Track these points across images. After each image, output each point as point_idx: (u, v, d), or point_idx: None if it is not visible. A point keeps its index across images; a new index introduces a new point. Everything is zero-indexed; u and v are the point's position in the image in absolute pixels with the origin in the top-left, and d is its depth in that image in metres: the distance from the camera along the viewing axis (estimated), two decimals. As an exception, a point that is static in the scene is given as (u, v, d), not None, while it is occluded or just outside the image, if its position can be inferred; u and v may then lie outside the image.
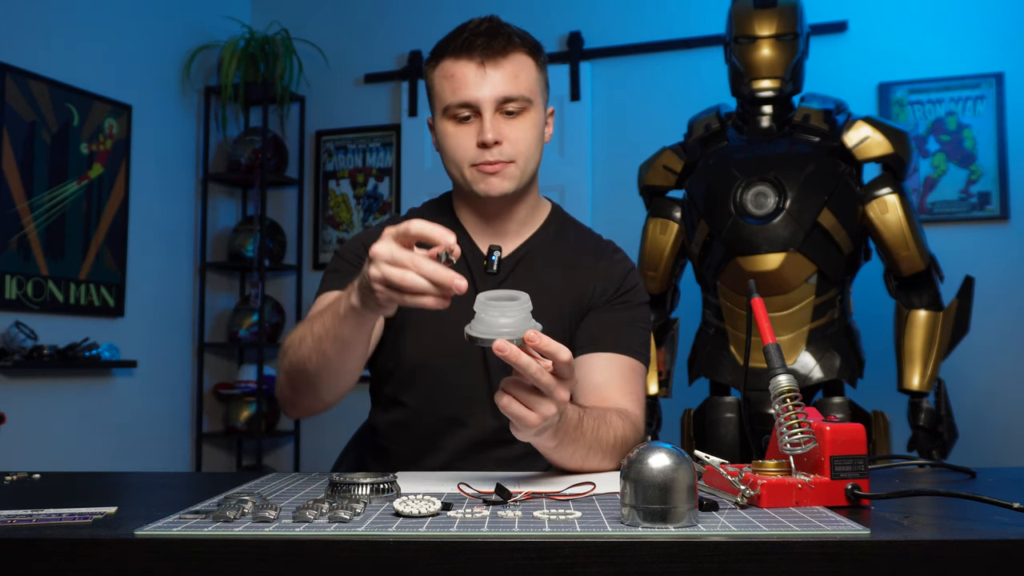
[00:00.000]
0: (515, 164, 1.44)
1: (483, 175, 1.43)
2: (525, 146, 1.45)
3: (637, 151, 3.12)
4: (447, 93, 1.44)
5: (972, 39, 3.51)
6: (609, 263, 1.54)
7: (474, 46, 1.42)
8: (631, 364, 1.46)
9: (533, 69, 1.46)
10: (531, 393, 1.06)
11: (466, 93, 1.42)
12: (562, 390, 1.06)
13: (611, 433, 1.29)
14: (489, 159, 1.43)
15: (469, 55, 1.42)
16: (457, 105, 1.43)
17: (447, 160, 1.48)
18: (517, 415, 1.06)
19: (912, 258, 2.55)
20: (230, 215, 4.39)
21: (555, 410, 1.07)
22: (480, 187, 1.44)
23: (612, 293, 1.50)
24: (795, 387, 1.03)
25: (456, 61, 1.43)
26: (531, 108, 1.45)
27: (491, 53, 1.42)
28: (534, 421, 1.06)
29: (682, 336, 2.85)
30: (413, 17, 4.22)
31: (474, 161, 1.44)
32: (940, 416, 2.54)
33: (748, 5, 2.59)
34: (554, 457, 1.23)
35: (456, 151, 1.45)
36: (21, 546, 0.84)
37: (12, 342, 3.18)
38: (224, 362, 4.34)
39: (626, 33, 3.93)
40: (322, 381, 1.30)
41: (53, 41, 3.48)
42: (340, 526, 0.86)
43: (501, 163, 1.43)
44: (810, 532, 0.82)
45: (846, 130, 2.56)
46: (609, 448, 1.29)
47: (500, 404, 1.06)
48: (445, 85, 1.44)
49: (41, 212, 3.40)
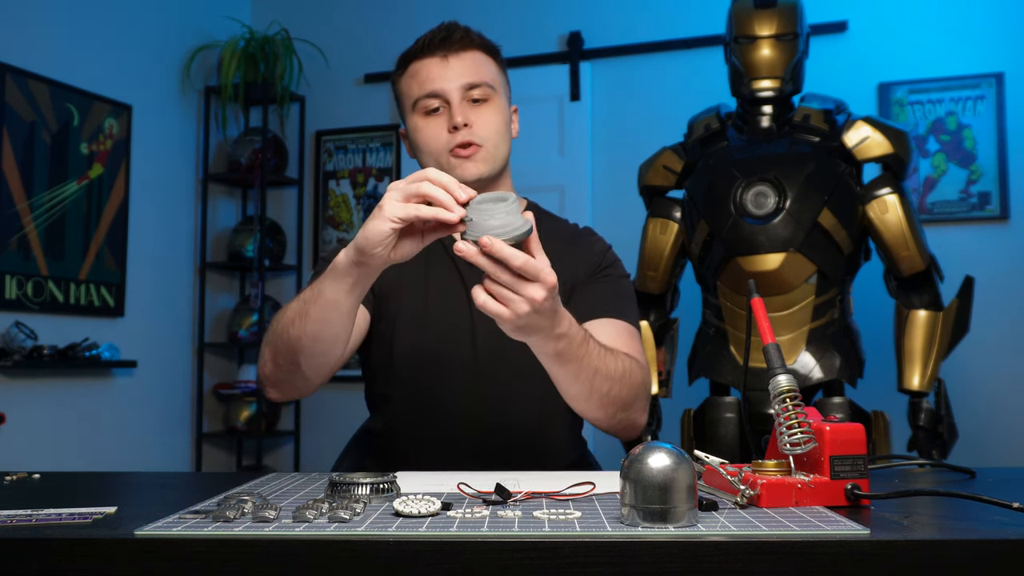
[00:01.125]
0: (485, 148, 1.51)
1: (459, 161, 1.50)
2: (494, 130, 1.53)
3: (637, 151, 3.12)
4: (414, 89, 1.53)
5: (972, 39, 3.51)
6: (588, 244, 1.61)
7: (435, 43, 1.52)
8: (626, 327, 1.50)
9: (493, 64, 1.57)
10: (503, 290, 1.09)
11: (432, 84, 1.51)
12: (531, 289, 1.09)
13: (619, 363, 1.32)
14: (461, 140, 1.50)
15: (431, 51, 1.53)
16: (426, 96, 1.51)
17: (422, 154, 1.55)
18: (492, 311, 1.11)
19: (912, 258, 2.55)
20: (230, 215, 4.39)
21: (527, 308, 1.10)
22: (457, 173, 1.49)
23: (593, 268, 1.56)
24: (795, 387, 1.03)
25: (420, 60, 1.54)
26: (495, 96, 1.54)
27: (451, 46, 1.52)
28: (507, 316, 1.10)
29: (682, 336, 2.85)
30: (413, 17, 4.22)
31: (448, 146, 1.51)
32: (940, 416, 2.54)
33: (748, 5, 2.59)
34: (560, 373, 1.26)
35: (429, 142, 1.52)
36: (21, 546, 0.84)
37: (12, 342, 3.19)
38: (224, 362, 4.35)
39: (626, 33, 3.93)
40: (303, 350, 1.30)
41: (53, 41, 3.48)
42: (340, 526, 0.86)
43: (474, 145, 1.50)
44: (810, 532, 0.82)
45: (846, 130, 2.56)
46: (617, 377, 1.31)
47: (477, 302, 1.10)
48: (412, 83, 1.54)
49: (41, 212, 3.40)
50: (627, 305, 1.55)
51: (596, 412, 1.34)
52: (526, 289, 1.09)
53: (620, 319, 1.50)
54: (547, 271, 1.09)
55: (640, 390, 1.38)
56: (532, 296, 1.09)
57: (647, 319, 2.76)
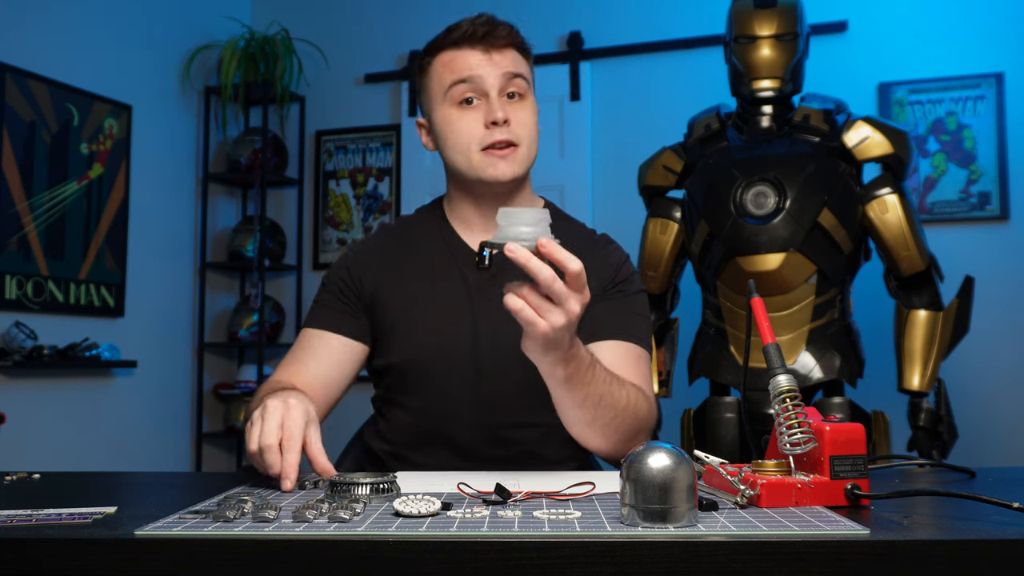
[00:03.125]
0: (521, 147, 1.45)
1: (492, 159, 1.43)
2: (529, 128, 1.46)
3: (637, 151, 3.13)
4: (448, 75, 1.45)
5: (972, 39, 3.51)
6: (604, 254, 1.53)
7: (476, 35, 1.44)
8: (635, 350, 1.46)
9: (527, 65, 1.51)
10: (543, 300, 1.06)
11: (470, 71, 1.44)
12: (573, 301, 1.06)
13: (624, 393, 1.29)
14: (499, 138, 1.43)
15: (471, 43, 1.45)
16: (460, 81, 1.44)
17: (450, 149, 1.47)
18: (527, 320, 1.06)
19: (912, 258, 2.55)
20: (230, 215, 4.39)
21: (564, 320, 1.07)
22: (489, 172, 1.44)
23: (608, 283, 1.50)
24: (795, 387, 1.03)
25: (458, 49, 1.46)
26: (529, 95, 1.49)
27: (493, 41, 1.45)
28: (543, 328, 1.07)
29: (682, 336, 2.85)
30: (413, 17, 4.22)
31: (483, 143, 1.43)
32: (940, 416, 2.54)
33: (748, 5, 2.59)
34: (565, 397, 1.23)
35: (462, 135, 1.45)
36: (21, 546, 0.84)
37: (12, 342, 3.18)
38: (224, 362, 4.35)
39: (626, 33, 3.93)
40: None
41: (53, 41, 3.48)
42: (340, 526, 0.86)
43: (511, 146, 1.44)
44: (810, 532, 0.82)
45: (846, 130, 2.56)
46: (621, 407, 1.28)
47: (511, 307, 1.06)
48: (445, 70, 1.46)
49: (41, 212, 3.40)
50: (639, 325, 1.49)
51: (597, 440, 1.30)
52: (568, 301, 1.06)
53: (630, 341, 1.45)
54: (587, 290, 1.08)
55: (644, 423, 1.34)
56: (572, 308, 1.07)
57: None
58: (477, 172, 1.45)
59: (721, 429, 2.58)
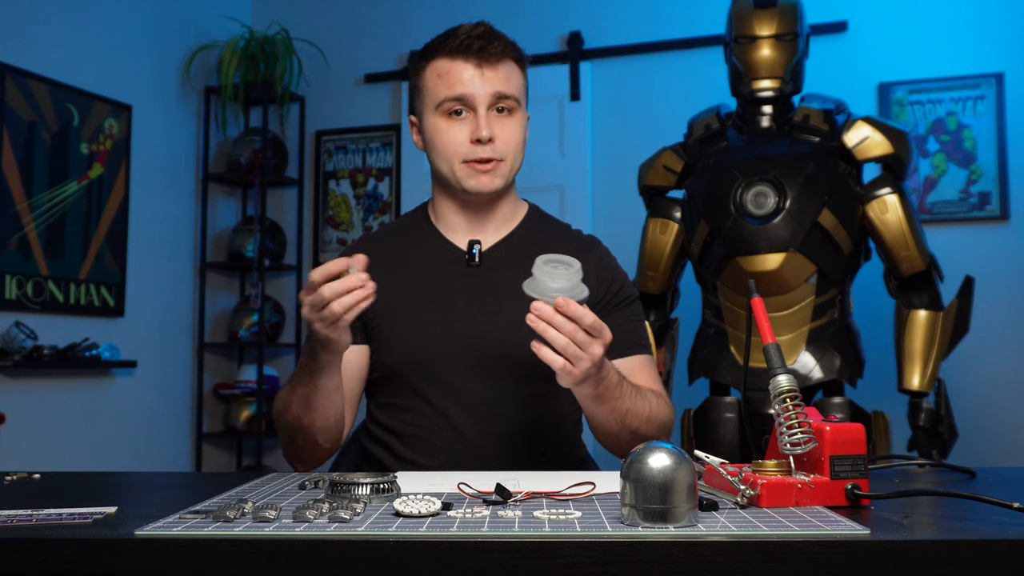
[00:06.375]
0: (504, 162, 1.49)
1: (474, 172, 1.48)
2: (514, 144, 1.50)
3: (637, 151, 3.12)
4: (441, 88, 1.48)
5: (972, 39, 3.51)
6: (599, 260, 1.57)
7: (471, 48, 1.47)
8: (644, 360, 1.55)
9: (520, 76, 1.53)
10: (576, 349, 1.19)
11: (462, 88, 1.47)
12: (595, 346, 1.20)
13: (647, 404, 1.41)
14: (482, 155, 1.47)
15: (465, 56, 1.47)
16: (452, 99, 1.47)
17: (436, 156, 1.51)
18: (559, 367, 1.20)
19: (912, 258, 2.55)
20: (230, 215, 4.39)
21: (590, 364, 1.20)
22: (470, 183, 1.48)
23: (605, 292, 1.54)
24: (795, 387, 1.03)
25: (452, 60, 1.48)
26: (519, 110, 1.51)
27: (487, 56, 1.47)
28: (576, 373, 1.21)
29: (682, 336, 2.85)
30: (413, 17, 4.22)
31: (466, 157, 1.48)
32: (940, 416, 2.54)
33: (748, 5, 2.59)
34: (596, 412, 1.35)
35: (448, 146, 1.49)
36: (21, 546, 0.84)
37: (12, 342, 3.18)
38: (224, 362, 4.35)
39: (626, 33, 3.93)
40: (316, 430, 1.44)
41: (53, 41, 3.48)
42: (340, 526, 0.86)
43: (494, 160, 1.48)
44: (810, 532, 0.82)
45: (846, 130, 2.56)
46: (645, 417, 1.40)
47: (543, 356, 1.19)
48: (439, 81, 1.49)
49: (41, 212, 3.40)
50: (641, 332, 1.58)
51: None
52: (591, 347, 1.19)
53: (639, 352, 1.54)
54: (607, 329, 1.21)
55: (666, 427, 1.47)
56: (595, 353, 1.20)
57: (647, 319, 2.76)
58: (459, 182, 1.50)
59: (721, 429, 2.58)
